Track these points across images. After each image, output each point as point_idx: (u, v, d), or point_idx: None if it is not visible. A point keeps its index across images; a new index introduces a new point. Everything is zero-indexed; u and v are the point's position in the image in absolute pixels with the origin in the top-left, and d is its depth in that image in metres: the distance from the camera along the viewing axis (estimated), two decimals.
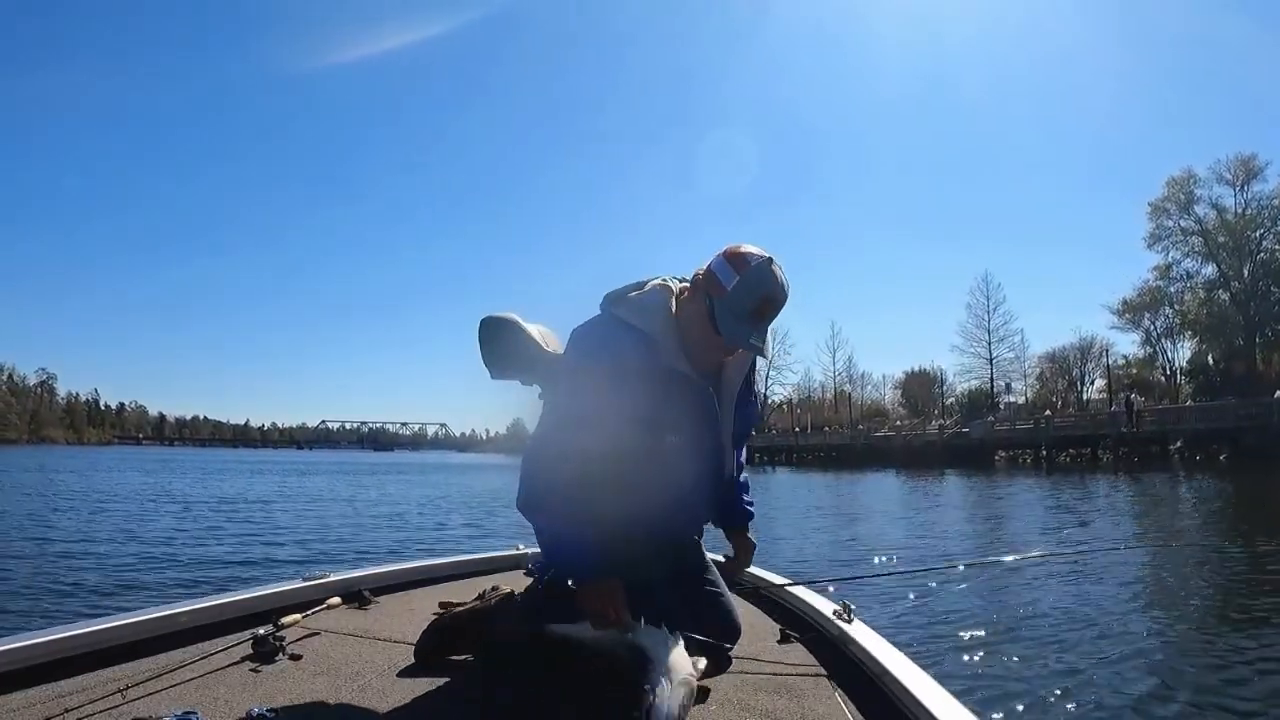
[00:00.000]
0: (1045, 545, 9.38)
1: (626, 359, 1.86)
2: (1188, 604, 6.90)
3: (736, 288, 1.84)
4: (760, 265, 1.86)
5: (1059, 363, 67.31)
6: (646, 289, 1.97)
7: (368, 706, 1.73)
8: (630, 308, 1.94)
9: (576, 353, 1.95)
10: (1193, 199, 52.34)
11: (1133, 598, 7.05)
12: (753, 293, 1.85)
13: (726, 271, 1.86)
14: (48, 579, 8.36)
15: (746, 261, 1.86)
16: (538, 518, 1.93)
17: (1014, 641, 5.60)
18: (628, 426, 1.85)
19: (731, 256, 1.88)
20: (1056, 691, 4.57)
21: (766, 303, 1.87)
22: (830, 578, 6.33)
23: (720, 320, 1.86)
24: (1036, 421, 48.65)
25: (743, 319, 1.86)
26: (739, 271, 1.85)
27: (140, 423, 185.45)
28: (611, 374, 1.84)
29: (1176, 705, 4.39)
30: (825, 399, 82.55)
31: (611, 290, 1.99)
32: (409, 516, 16.63)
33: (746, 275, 1.85)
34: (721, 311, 1.86)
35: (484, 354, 2.23)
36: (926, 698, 1.64)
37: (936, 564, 9.17)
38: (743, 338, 1.86)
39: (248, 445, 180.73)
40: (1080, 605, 6.63)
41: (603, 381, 1.84)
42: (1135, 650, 5.34)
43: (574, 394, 1.89)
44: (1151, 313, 56.16)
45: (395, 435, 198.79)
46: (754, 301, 1.86)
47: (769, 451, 65.77)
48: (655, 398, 1.88)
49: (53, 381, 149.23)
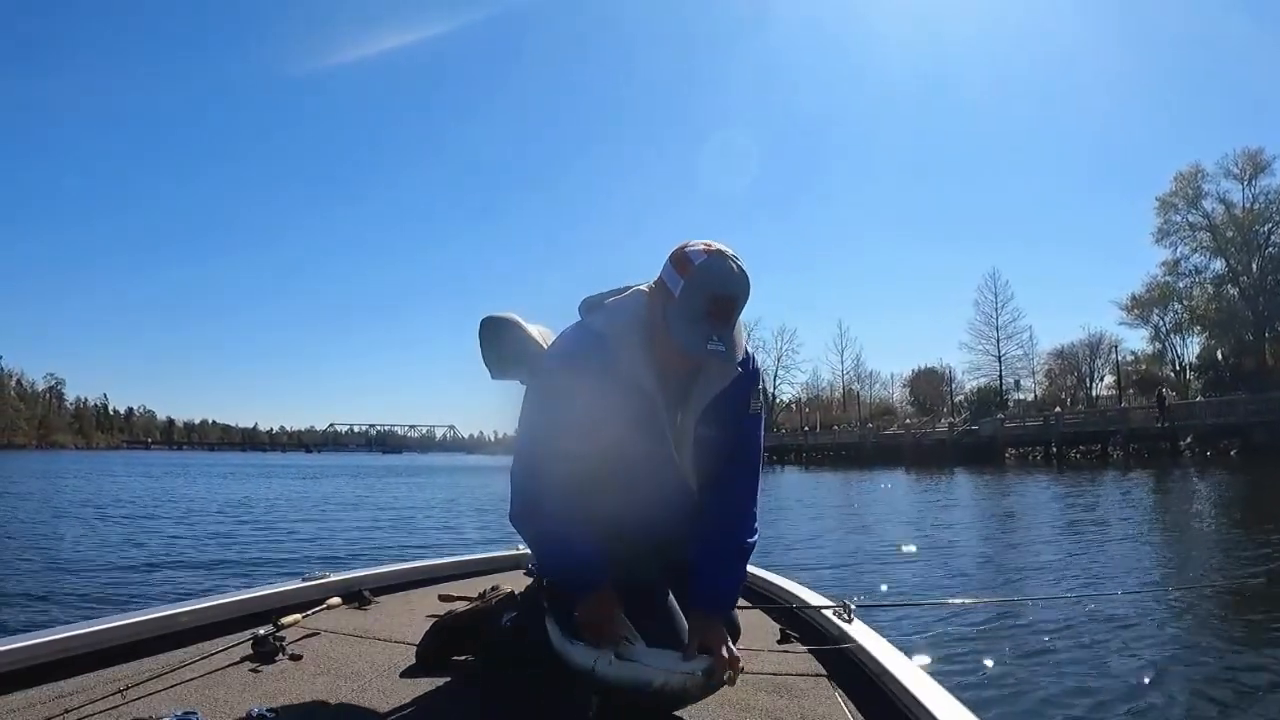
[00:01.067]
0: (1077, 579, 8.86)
1: (581, 370, 1.80)
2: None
3: (683, 291, 1.70)
4: (705, 262, 1.71)
5: (1068, 359, 67.17)
6: (623, 295, 1.89)
7: (368, 706, 1.73)
8: (601, 315, 1.86)
9: (546, 362, 1.93)
10: (1200, 194, 52.25)
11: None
12: (701, 292, 1.69)
13: (673, 276, 1.73)
14: (51, 582, 8.40)
15: (690, 261, 1.72)
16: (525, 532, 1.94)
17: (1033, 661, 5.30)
18: (574, 440, 1.79)
19: (676, 259, 1.75)
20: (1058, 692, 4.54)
21: (717, 301, 1.70)
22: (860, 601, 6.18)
23: (673, 328, 1.72)
24: (1046, 418, 48.50)
25: (696, 322, 1.69)
26: (683, 274, 1.71)
27: (149, 427, 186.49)
28: (565, 386, 1.81)
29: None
30: (833, 398, 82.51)
31: (589, 295, 1.93)
32: (426, 519, 16.62)
33: (691, 276, 1.70)
34: (673, 318, 1.72)
35: (484, 354, 2.22)
36: (926, 698, 1.63)
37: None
38: (698, 344, 1.69)
39: (256, 449, 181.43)
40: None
41: (558, 393, 1.81)
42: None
43: (538, 407, 1.87)
44: (1160, 308, 55.97)
45: (403, 438, 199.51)
46: (704, 302, 1.69)
47: (778, 451, 65.75)
48: (615, 414, 1.81)
49: (61, 387, 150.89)
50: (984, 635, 5.77)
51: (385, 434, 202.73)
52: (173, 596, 7.13)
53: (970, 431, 51.21)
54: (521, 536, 1.99)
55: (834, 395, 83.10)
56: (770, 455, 64.60)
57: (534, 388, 1.92)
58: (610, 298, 1.90)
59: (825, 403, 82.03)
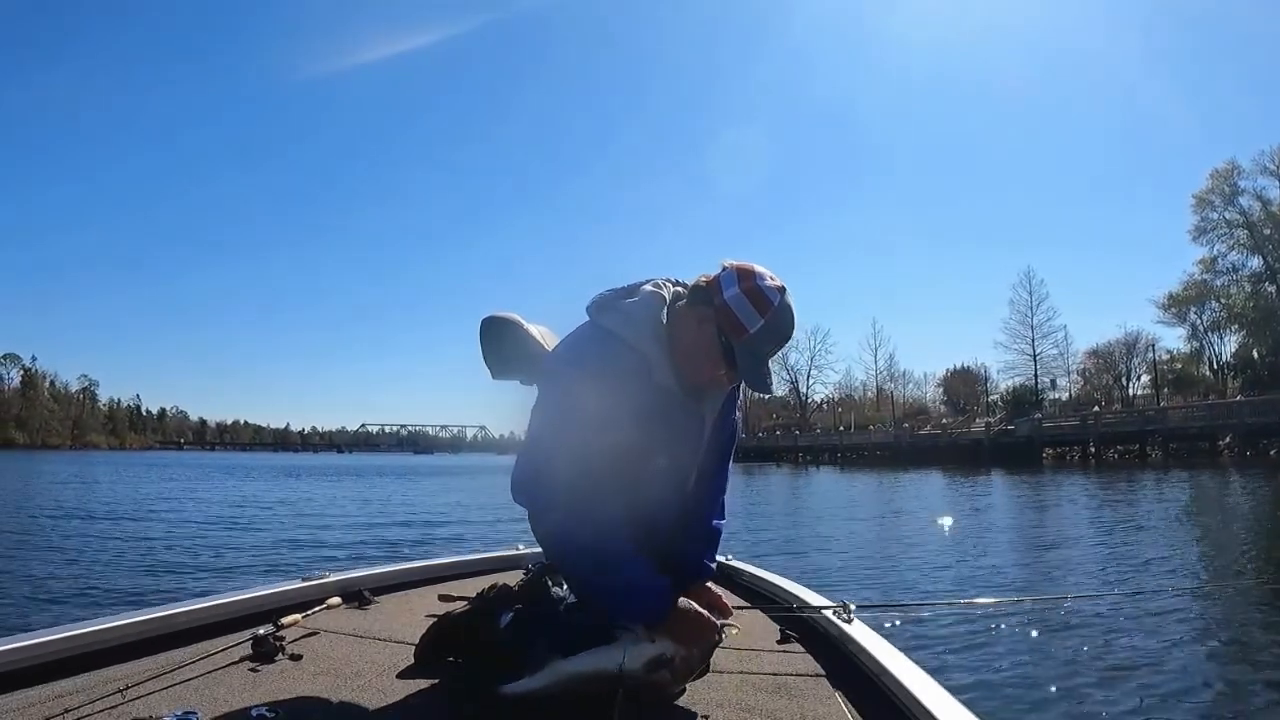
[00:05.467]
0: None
1: (620, 376, 1.76)
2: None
3: (761, 332, 1.74)
4: (783, 307, 1.75)
5: (1103, 359, 66.31)
6: (637, 296, 1.86)
7: (368, 706, 1.73)
8: (618, 318, 1.83)
9: (569, 370, 1.83)
10: (1237, 190, 51.62)
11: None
12: (776, 335, 1.77)
13: (748, 312, 1.73)
14: (52, 583, 8.61)
15: (769, 301, 1.73)
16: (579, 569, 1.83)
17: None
18: (622, 450, 1.76)
19: (751, 293, 1.74)
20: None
21: (785, 342, 1.81)
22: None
23: (741, 363, 1.77)
24: (1084, 418, 47.92)
25: (764, 362, 1.78)
26: (763, 314, 1.73)
27: (181, 428, 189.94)
28: (603, 394, 1.73)
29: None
30: (866, 398, 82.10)
31: (599, 295, 1.90)
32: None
33: (771, 319, 1.74)
34: (743, 355, 1.76)
35: (485, 353, 2.20)
36: (926, 698, 1.61)
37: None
38: (765, 383, 1.79)
39: (288, 449, 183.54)
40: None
41: (595, 403, 1.73)
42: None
43: (569, 423, 1.76)
44: (1198, 307, 55.15)
45: (434, 438, 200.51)
46: (776, 346, 1.79)
47: (812, 452, 65.66)
48: (648, 418, 1.79)
49: (94, 388, 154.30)
50: (985, 636, 5.76)
51: (416, 434, 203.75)
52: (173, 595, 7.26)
53: (1007, 431, 50.76)
54: (564, 554, 1.85)
55: (867, 395, 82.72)
56: (804, 455, 64.53)
57: (564, 392, 1.81)
58: (621, 298, 1.88)
59: (858, 403, 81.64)
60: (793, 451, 70.35)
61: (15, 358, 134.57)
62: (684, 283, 1.90)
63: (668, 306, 1.85)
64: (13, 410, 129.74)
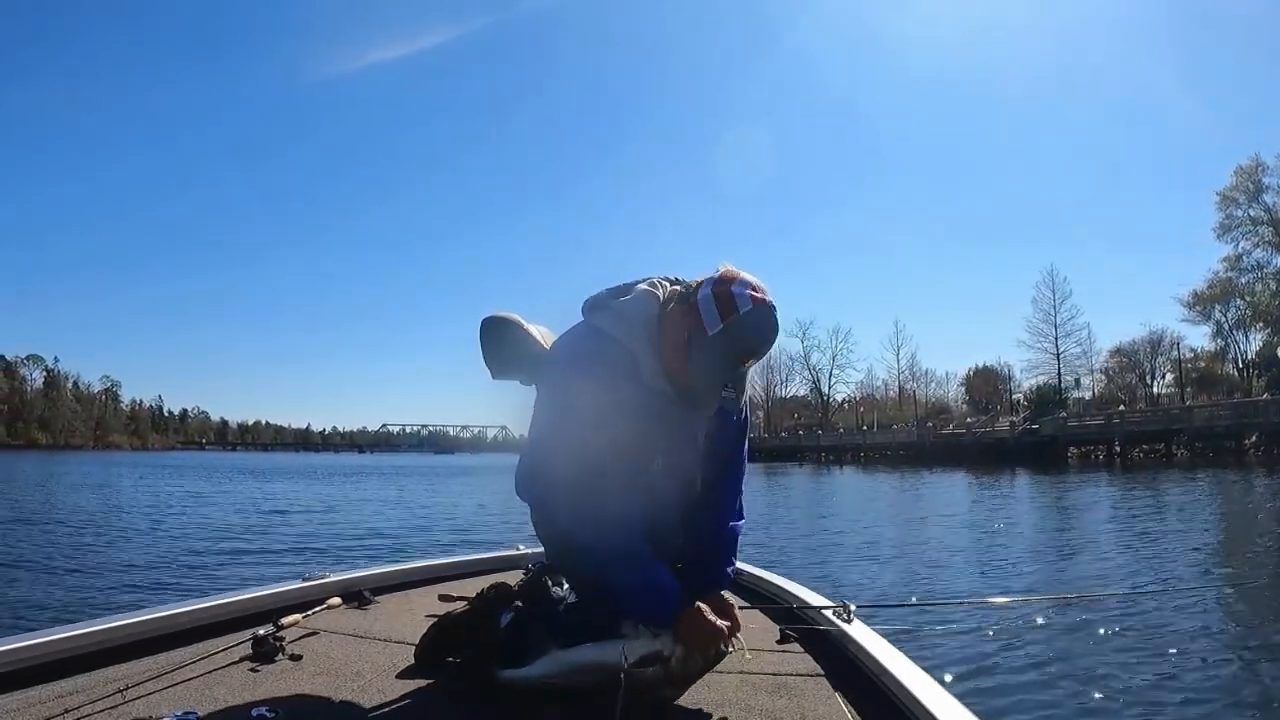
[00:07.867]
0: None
1: (611, 375, 1.75)
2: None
3: (720, 336, 1.69)
4: (750, 314, 1.69)
5: (1127, 357, 65.75)
6: (630, 295, 1.84)
7: (368, 706, 1.73)
8: (610, 316, 1.82)
9: (562, 369, 1.85)
10: (1261, 188, 51.02)
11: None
12: (736, 344, 1.70)
13: (710, 311, 1.70)
14: (54, 581, 8.75)
15: (734, 308, 1.69)
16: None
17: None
18: (618, 448, 1.74)
19: (720, 296, 1.71)
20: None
21: (748, 355, 1.73)
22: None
23: (692, 361, 1.72)
24: (1109, 417, 47.46)
25: (717, 366, 1.71)
26: (723, 319, 1.69)
27: (203, 428, 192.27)
28: (596, 392, 1.73)
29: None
30: (888, 397, 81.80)
31: (593, 294, 1.89)
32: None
33: (731, 324, 1.68)
34: (696, 353, 1.72)
35: (485, 353, 2.20)
36: (926, 698, 1.60)
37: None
38: (704, 396, 1.76)
39: (309, 449, 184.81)
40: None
41: (589, 401, 1.73)
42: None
43: (568, 422, 1.78)
44: (1222, 304, 54.51)
45: (455, 438, 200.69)
46: (735, 356, 1.71)
47: (834, 451, 65.45)
48: (642, 418, 1.78)
49: (117, 388, 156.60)
50: (985, 636, 5.72)
51: (437, 434, 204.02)
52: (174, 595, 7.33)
53: (1031, 430, 50.41)
54: (564, 552, 1.88)
55: (889, 394, 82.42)
56: (826, 455, 64.29)
57: (559, 390, 1.83)
58: (615, 298, 1.86)
59: (880, 402, 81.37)
60: (815, 451, 70.00)
61: (38, 358, 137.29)
62: (683, 281, 1.87)
63: (662, 305, 1.82)
64: (36, 411, 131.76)
